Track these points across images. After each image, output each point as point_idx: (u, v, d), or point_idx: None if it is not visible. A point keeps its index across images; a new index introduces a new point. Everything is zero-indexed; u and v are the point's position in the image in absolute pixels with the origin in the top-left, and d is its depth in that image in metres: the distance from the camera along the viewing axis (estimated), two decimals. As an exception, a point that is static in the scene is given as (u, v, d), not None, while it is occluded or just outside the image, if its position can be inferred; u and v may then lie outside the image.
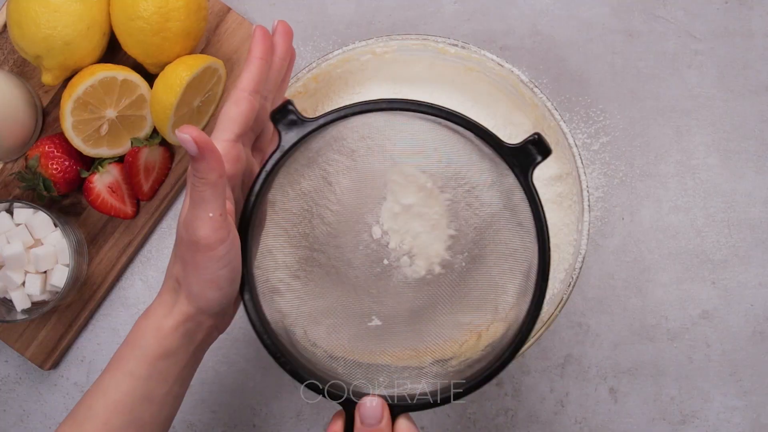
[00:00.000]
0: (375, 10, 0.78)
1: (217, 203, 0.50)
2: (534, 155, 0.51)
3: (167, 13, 0.69)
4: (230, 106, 0.54)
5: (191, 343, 0.54)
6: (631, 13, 0.77)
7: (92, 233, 0.76)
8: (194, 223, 0.50)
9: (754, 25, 0.77)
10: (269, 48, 0.56)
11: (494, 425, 0.76)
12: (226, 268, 0.51)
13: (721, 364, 0.75)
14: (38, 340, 0.76)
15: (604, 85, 0.77)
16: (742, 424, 0.75)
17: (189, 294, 0.52)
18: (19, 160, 0.76)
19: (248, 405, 0.77)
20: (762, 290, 0.76)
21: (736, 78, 0.76)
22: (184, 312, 0.52)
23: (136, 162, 0.73)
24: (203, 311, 0.53)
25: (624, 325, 0.76)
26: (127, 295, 0.78)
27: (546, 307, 0.63)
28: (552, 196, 0.68)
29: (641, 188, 0.76)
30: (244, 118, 0.54)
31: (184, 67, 0.69)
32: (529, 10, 0.77)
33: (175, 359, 0.53)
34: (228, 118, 0.53)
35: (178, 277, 0.53)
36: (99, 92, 0.70)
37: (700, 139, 0.77)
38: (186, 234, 0.51)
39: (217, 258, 0.50)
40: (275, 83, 0.58)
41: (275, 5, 0.78)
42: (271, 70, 0.57)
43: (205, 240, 0.50)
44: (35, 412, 0.77)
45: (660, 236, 0.76)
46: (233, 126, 0.53)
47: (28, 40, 0.69)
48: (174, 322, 0.53)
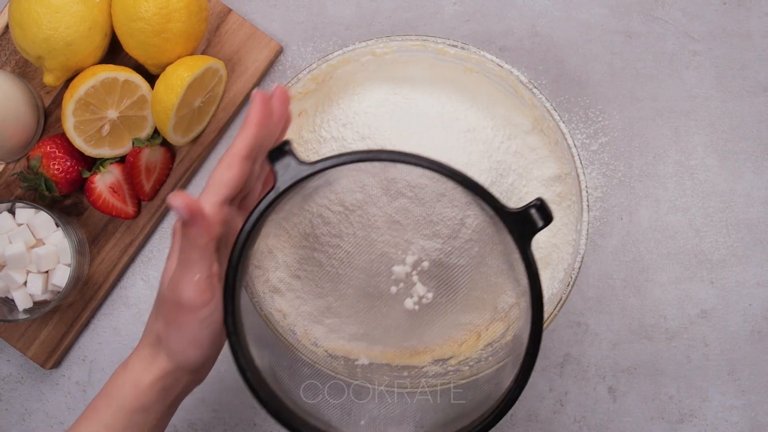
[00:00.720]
0: (375, 11, 0.78)
1: (204, 265, 0.51)
2: (535, 222, 0.50)
3: (168, 15, 0.69)
4: (222, 170, 0.54)
5: (168, 396, 0.55)
6: (630, 14, 0.77)
7: (94, 233, 0.77)
8: (180, 285, 0.51)
9: (751, 26, 0.77)
10: (267, 114, 0.55)
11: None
12: (209, 329, 0.53)
13: (720, 363, 0.76)
14: (40, 339, 0.76)
15: (603, 86, 0.77)
16: (741, 422, 0.76)
17: (169, 351, 0.54)
18: (20, 160, 0.76)
19: (249, 404, 0.77)
20: (760, 290, 0.76)
21: (734, 78, 0.77)
22: (163, 368, 0.54)
23: (138, 162, 0.73)
24: (182, 368, 0.54)
25: (623, 325, 0.76)
26: (128, 295, 0.78)
27: (545, 307, 0.63)
28: (551, 196, 0.69)
29: (640, 188, 0.77)
30: (234, 183, 0.54)
31: (185, 67, 0.70)
32: (528, 11, 0.77)
33: (152, 412, 0.55)
34: (219, 182, 0.53)
35: (159, 334, 0.54)
36: (100, 93, 0.71)
37: (698, 140, 0.77)
38: (171, 294, 0.52)
39: (200, 319, 0.52)
40: (268, 147, 0.57)
41: (276, 6, 0.78)
42: (266, 136, 0.56)
43: (189, 302, 0.51)
44: (37, 411, 0.78)
45: (658, 236, 0.76)
46: (223, 190, 0.53)
47: (29, 41, 0.69)
48: (152, 377, 0.54)
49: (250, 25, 0.77)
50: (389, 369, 0.68)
